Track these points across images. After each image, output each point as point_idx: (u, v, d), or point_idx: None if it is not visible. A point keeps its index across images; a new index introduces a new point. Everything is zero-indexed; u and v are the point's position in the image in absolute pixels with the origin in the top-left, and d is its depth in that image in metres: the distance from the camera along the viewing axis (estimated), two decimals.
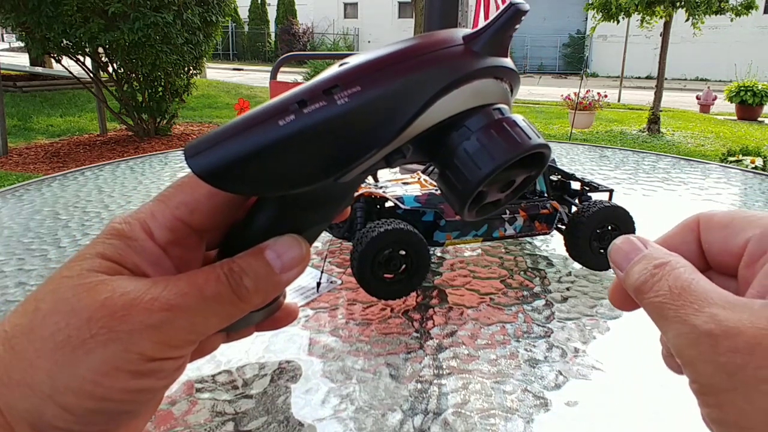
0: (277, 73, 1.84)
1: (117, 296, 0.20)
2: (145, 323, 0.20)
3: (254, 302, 0.23)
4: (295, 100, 0.20)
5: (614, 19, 6.67)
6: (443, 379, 0.42)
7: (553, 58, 19.89)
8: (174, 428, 0.36)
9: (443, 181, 0.23)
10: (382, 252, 0.52)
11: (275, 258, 0.23)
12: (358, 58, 0.22)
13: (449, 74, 0.21)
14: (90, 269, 0.21)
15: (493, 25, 0.22)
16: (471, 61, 0.22)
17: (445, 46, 0.22)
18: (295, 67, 12.67)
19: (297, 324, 0.50)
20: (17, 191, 0.89)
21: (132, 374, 0.20)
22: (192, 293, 0.21)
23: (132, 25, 4.54)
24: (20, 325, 0.20)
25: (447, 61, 0.22)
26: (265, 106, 0.21)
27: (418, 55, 0.21)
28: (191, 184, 0.24)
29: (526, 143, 0.22)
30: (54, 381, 0.20)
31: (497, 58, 0.23)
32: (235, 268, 0.22)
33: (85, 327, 0.20)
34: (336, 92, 0.20)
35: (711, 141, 6.27)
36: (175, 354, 0.22)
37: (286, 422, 0.37)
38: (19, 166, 4.60)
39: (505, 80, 0.23)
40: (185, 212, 0.23)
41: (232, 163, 0.20)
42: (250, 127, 0.20)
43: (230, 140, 0.20)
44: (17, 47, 16.85)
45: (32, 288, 0.56)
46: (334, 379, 0.42)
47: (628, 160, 1.19)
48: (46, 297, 0.21)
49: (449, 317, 0.51)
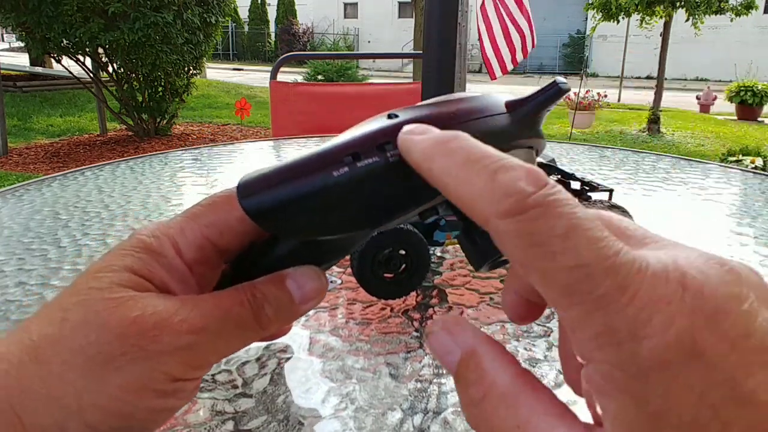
0: (277, 73, 1.84)
1: (148, 314, 0.20)
2: (174, 345, 0.20)
3: (272, 329, 0.23)
4: (348, 152, 0.21)
5: (614, 19, 6.67)
6: (443, 378, 0.42)
7: (553, 58, 19.89)
8: (174, 427, 0.36)
9: (469, 239, 0.23)
10: (382, 251, 0.52)
11: (296, 289, 0.23)
12: (408, 113, 0.22)
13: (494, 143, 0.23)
14: (119, 283, 0.21)
15: (535, 99, 0.24)
16: (513, 132, 0.23)
17: (491, 114, 0.23)
18: (295, 67, 12.67)
19: (297, 324, 0.50)
20: (17, 191, 0.89)
21: (157, 393, 0.20)
22: (218, 317, 0.21)
23: (132, 25, 4.54)
24: (47, 335, 0.20)
25: (493, 129, 0.23)
26: (319, 152, 0.21)
27: (468, 120, 0.22)
28: (224, 206, 0.24)
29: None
30: (82, 396, 0.19)
31: (534, 129, 0.24)
32: (257, 295, 0.23)
33: (117, 343, 0.20)
34: (389, 149, 0.21)
35: (711, 141, 6.27)
36: (197, 375, 0.22)
37: (286, 421, 0.37)
38: (19, 166, 4.61)
39: (533, 148, 0.25)
40: (215, 233, 0.24)
41: (285, 209, 0.21)
42: (305, 174, 0.21)
43: (285, 185, 0.21)
44: (17, 47, 16.86)
45: (32, 288, 0.56)
46: (333, 378, 0.42)
47: (628, 160, 1.19)
48: (75, 308, 0.20)
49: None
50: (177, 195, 0.89)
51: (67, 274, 0.60)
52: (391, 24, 21.69)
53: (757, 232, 0.76)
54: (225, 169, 1.05)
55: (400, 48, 18.72)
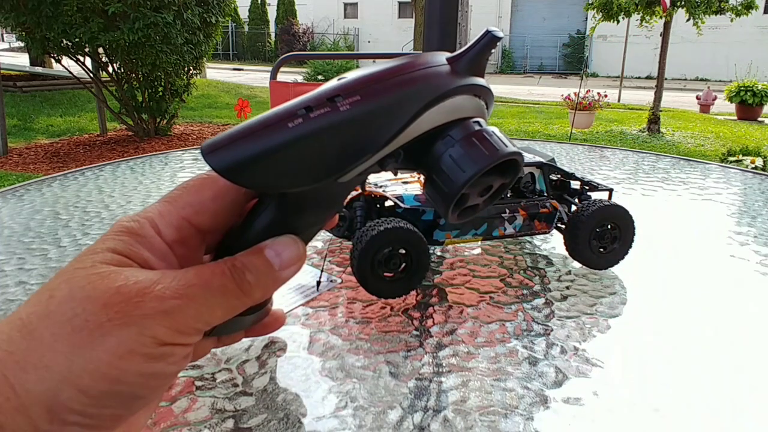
0: (277, 73, 1.84)
1: (131, 283, 0.21)
2: (158, 309, 0.21)
3: (255, 296, 0.24)
4: (302, 106, 0.23)
5: (614, 19, 6.67)
6: (443, 377, 0.42)
7: (553, 58, 19.89)
8: (174, 426, 0.36)
9: (431, 185, 0.26)
10: (382, 251, 0.52)
11: (274, 256, 0.25)
12: (356, 72, 0.24)
13: (436, 90, 0.25)
14: (102, 261, 0.22)
15: (472, 50, 0.26)
16: (453, 80, 0.25)
17: (432, 65, 0.25)
18: (295, 67, 12.67)
19: (297, 322, 0.50)
20: (17, 191, 0.90)
21: (145, 357, 0.21)
22: (200, 285, 0.23)
23: (132, 25, 4.54)
24: (36, 312, 0.21)
25: (434, 78, 0.25)
26: (276, 110, 0.23)
27: (410, 72, 0.25)
28: (197, 186, 0.26)
29: (504, 150, 0.25)
30: (71, 363, 0.20)
31: (475, 77, 0.26)
32: (237, 264, 0.24)
33: (102, 312, 0.21)
34: (339, 101, 0.23)
35: (711, 141, 6.27)
36: (184, 340, 0.23)
37: (286, 420, 0.37)
38: (19, 166, 4.61)
39: (481, 97, 0.27)
40: (191, 213, 0.25)
41: (247, 161, 0.22)
42: (262, 128, 0.22)
43: (245, 140, 0.22)
44: (17, 47, 16.86)
45: (33, 288, 0.56)
46: (334, 377, 0.42)
47: (628, 160, 1.19)
48: (60, 285, 0.22)
49: (449, 315, 0.51)
50: None
51: None
52: (391, 24, 21.69)
53: (757, 231, 0.76)
54: None
55: (400, 48, 18.70)
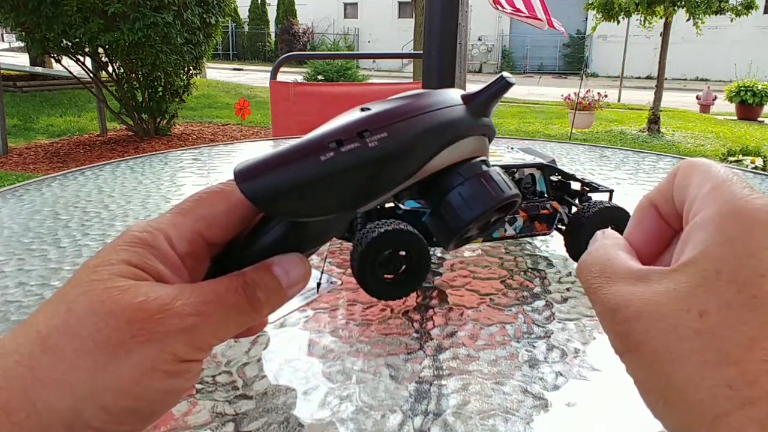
0: (277, 73, 1.84)
1: (151, 300, 0.22)
2: (179, 326, 0.21)
3: (264, 313, 0.25)
4: (333, 138, 0.24)
5: (614, 19, 6.67)
6: (443, 380, 0.42)
7: (553, 58, 19.89)
8: (174, 429, 0.36)
9: (437, 217, 0.27)
10: (382, 252, 0.52)
11: (283, 274, 0.25)
12: (380, 106, 0.26)
13: (456, 131, 0.26)
14: (119, 274, 0.22)
15: (485, 93, 0.27)
16: (470, 120, 0.27)
17: (451, 105, 0.27)
18: (295, 67, 12.67)
19: (297, 324, 0.50)
20: (17, 191, 0.89)
21: (166, 374, 0.22)
22: (216, 301, 0.23)
23: (132, 25, 4.54)
24: (55, 326, 0.21)
25: (453, 118, 0.26)
26: (307, 140, 0.24)
27: (432, 111, 0.26)
28: (210, 199, 0.26)
29: (508, 192, 0.27)
30: (95, 380, 0.20)
31: (486, 118, 0.28)
32: (248, 281, 0.24)
33: (125, 328, 0.21)
34: (367, 136, 0.24)
35: (711, 141, 6.27)
36: (201, 356, 0.23)
37: (286, 423, 0.37)
38: (19, 166, 4.61)
39: (486, 135, 0.28)
40: (204, 226, 0.25)
41: (280, 192, 0.23)
42: (295, 160, 0.23)
43: (278, 170, 0.23)
44: (17, 47, 16.86)
45: (33, 288, 0.56)
46: (333, 379, 0.42)
47: (628, 160, 1.19)
48: (78, 298, 0.22)
49: (449, 318, 0.51)
50: (177, 195, 0.89)
51: (67, 274, 0.60)
52: (391, 24, 21.69)
53: None
54: (225, 169, 1.05)
55: (400, 48, 18.70)
